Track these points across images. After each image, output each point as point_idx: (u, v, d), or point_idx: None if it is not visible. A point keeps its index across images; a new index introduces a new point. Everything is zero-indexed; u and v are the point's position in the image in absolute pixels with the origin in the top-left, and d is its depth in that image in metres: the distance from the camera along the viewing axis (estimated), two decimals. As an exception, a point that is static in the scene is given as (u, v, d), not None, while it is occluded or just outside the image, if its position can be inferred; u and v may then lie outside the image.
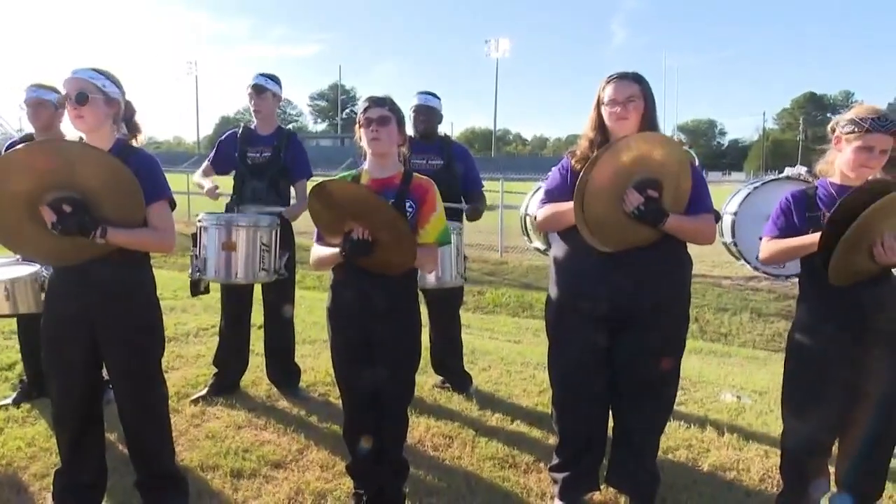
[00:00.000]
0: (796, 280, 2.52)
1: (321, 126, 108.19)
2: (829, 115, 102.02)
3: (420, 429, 3.44)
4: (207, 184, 3.95)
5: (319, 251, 2.48)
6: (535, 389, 4.22)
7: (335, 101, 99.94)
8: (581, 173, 2.35)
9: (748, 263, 3.71)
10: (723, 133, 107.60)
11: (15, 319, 3.60)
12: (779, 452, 2.63)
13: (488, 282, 10.46)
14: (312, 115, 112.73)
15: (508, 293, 9.90)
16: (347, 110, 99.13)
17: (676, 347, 2.62)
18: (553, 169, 2.69)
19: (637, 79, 2.48)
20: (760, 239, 2.43)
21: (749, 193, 3.72)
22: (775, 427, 3.63)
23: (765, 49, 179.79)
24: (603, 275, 2.45)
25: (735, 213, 3.71)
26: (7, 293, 3.10)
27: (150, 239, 2.36)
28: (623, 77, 2.48)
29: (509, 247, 12.82)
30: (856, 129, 2.22)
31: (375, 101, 2.45)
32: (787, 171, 3.81)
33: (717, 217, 2.58)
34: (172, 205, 2.47)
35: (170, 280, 7.73)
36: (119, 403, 2.46)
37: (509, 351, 5.49)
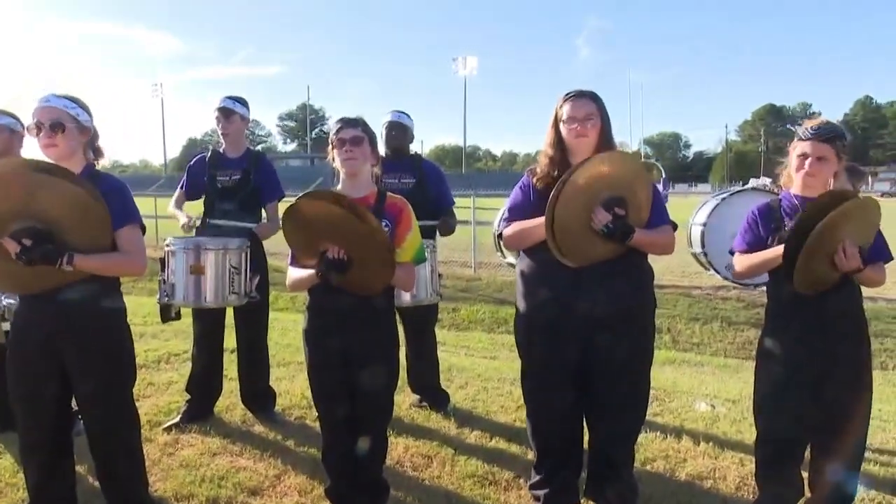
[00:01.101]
0: (764, 288, 2.59)
1: (291, 146, 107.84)
2: (788, 126, 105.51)
3: (399, 449, 3.42)
4: (182, 217, 3.88)
5: (295, 273, 2.47)
6: (513, 405, 4.22)
7: (304, 121, 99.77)
8: (552, 193, 2.38)
9: (717, 273, 3.79)
10: (688, 146, 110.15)
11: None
12: (753, 460, 2.68)
13: (462, 298, 10.47)
14: (281, 135, 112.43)
15: (483, 309, 9.93)
16: (317, 130, 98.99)
17: (645, 356, 2.65)
18: (514, 188, 2.73)
19: (593, 97, 2.54)
20: (732, 253, 2.49)
21: (717, 205, 3.81)
22: (749, 434, 3.68)
23: (726, 63, 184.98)
24: (570, 288, 2.49)
25: (704, 224, 3.79)
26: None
27: (120, 263, 2.33)
28: (580, 95, 2.54)
29: (482, 263, 12.88)
30: (795, 139, 2.41)
31: (348, 122, 2.47)
32: (753, 182, 3.92)
33: (675, 227, 2.65)
34: (143, 229, 2.44)
35: (139, 306, 7.53)
36: (89, 434, 2.40)
37: (485, 367, 5.49)
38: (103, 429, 2.39)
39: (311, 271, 2.34)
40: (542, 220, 2.41)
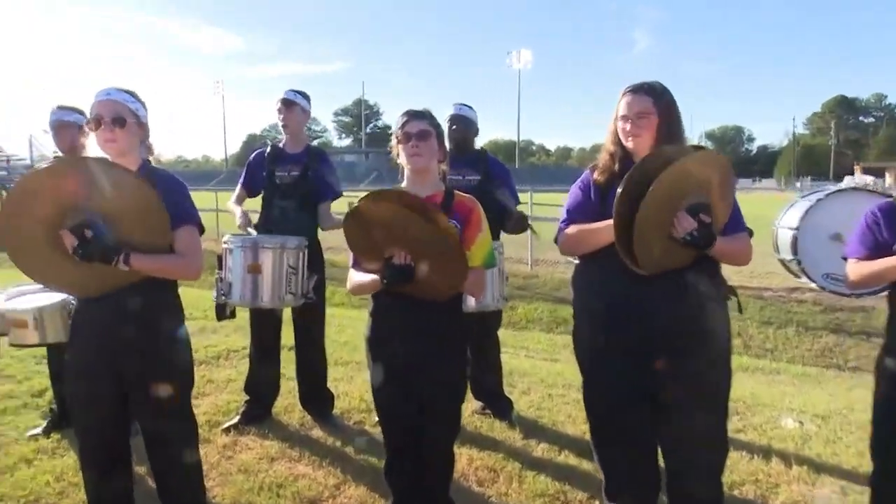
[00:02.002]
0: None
1: (345, 141, 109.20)
2: (861, 118, 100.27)
3: (463, 461, 3.24)
4: (238, 215, 3.78)
5: (357, 277, 2.31)
6: (581, 416, 3.96)
7: (359, 117, 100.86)
8: (619, 192, 2.12)
9: (813, 281, 3.44)
10: (751, 139, 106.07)
11: (44, 345, 3.50)
12: (859, 489, 2.38)
13: (519, 296, 10.22)
14: (337, 130, 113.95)
15: (541, 308, 9.65)
16: (371, 125, 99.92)
17: (722, 377, 2.34)
18: (573, 187, 2.48)
19: (651, 91, 2.26)
20: (845, 259, 2.19)
21: (810, 207, 3.46)
22: (847, 457, 3.36)
23: (792, 53, 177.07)
24: (636, 300, 2.22)
25: (796, 228, 3.45)
26: (35, 322, 3.00)
27: (175, 265, 2.22)
28: (637, 90, 2.27)
29: (540, 259, 12.59)
30: None
31: (414, 115, 2.29)
32: (849, 180, 3.55)
33: (751, 234, 2.37)
34: (201, 229, 2.33)
35: (199, 299, 7.58)
36: (146, 440, 2.31)
37: (548, 371, 5.26)
38: (160, 436, 2.29)
39: (375, 276, 2.17)
40: (607, 223, 2.17)
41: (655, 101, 2.25)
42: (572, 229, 2.33)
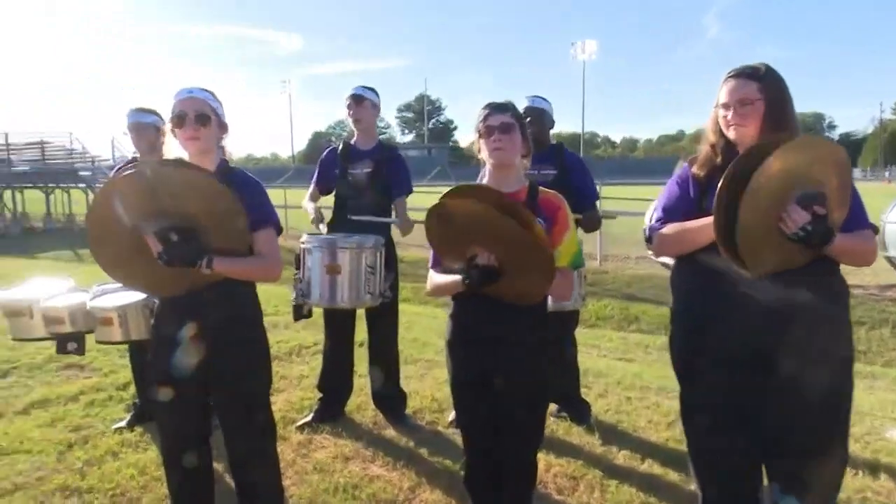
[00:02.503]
0: None
1: (408, 137, 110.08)
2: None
3: (540, 467, 3.07)
4: (311, 210, 3.78)
5: (437, 278, 2.22)
6: (663, 421, 3.79)
7: (421, 112, 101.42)
8: (720, 185, 1.92)
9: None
10: (832, 126, 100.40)
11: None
12: None
13: (589, 293, 9.94)
14: (399, 126, 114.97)
15: (611, 305, 9.37)
16: (433, 120, 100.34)
17: (843, 393, 2.10)
18: (669, 182, 2.28)
19: (755, 75, 2.03)
20: None
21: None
22: (968, 477, 3.05)
23: (876, 35, 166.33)
24: (742, 306, 2.01)
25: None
26: (120, 319, 3.06)
27: (256, 268, 2.21)
28: (739, 75, 2.05)
29: (609, 255, 12.25)
30: None
31: (496, 107, 2.17)
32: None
33: (876, 231, 2.11)
34: (279, 230, 2.30)
35: (270, 295, 7.73)
36: (226, 439, 2.31)
37: (624, 372, 5.06)
38: (239, 436, 2.28)
39: (456, 277, 2.07)
40: (708, 220, 1.97)
41: (761, 86, 2.03)
42: (669, 228, 2.15)
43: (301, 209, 4.00)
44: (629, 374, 4.98)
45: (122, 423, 3.62)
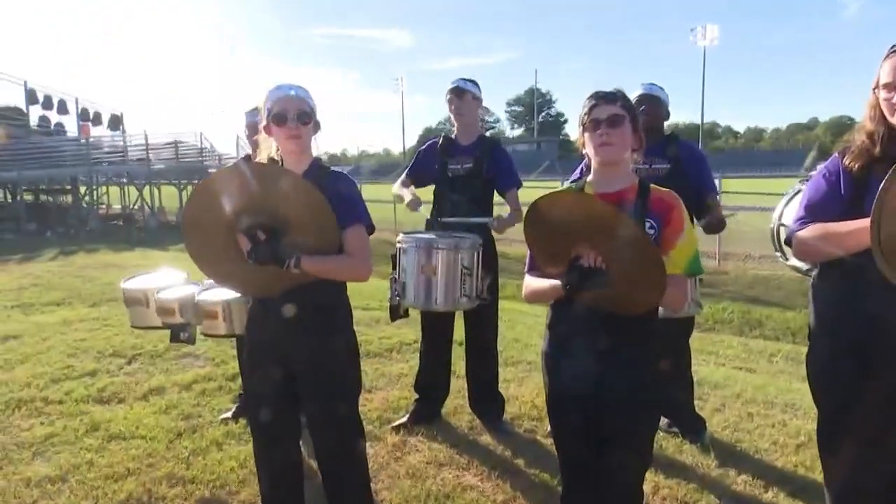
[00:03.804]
0: None
1: (518, 131, 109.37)
2: None
3: (646, 488, 2.85)
4: (407, 195, 3.70)
5: (534, 283, 2.04)
6: (791, 443, 3.39)
7: (531, 106, 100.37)
8: (884, 183, 1.60)
9: None
10: None
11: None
12: None
13: (706, 294, 9.32)
14: (509, 120, 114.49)
15: (731, 308, 8.72)
16: (544, 113, 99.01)
17: None
18: (814, 175, 1.97)
19: None
20: None
21: None
22: None
23: None
24: None
25: None
26: (224, 313, 3.14)
27: (345, 267, 2.14)
28: None
29: (729, 253, 11.44)
30: None
31: (604, 97, 1.96)
32: None
33: None
34: (370, 229, 2.23)
35: (377, 290, 7.82)
36: (315, 444, 2.28)
37: (744, 384, 4.61)
38: (328, 443, 2.25)
39: (555, 282, 1.89)
40: (864, 222, 1.66)
41: None
42: (815, 229, 1.85)
43: (396, 200, 3.92)
44: (750, 386, 4.54)
45: (228, 414, 3.74)
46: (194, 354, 4.90)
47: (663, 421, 3.56)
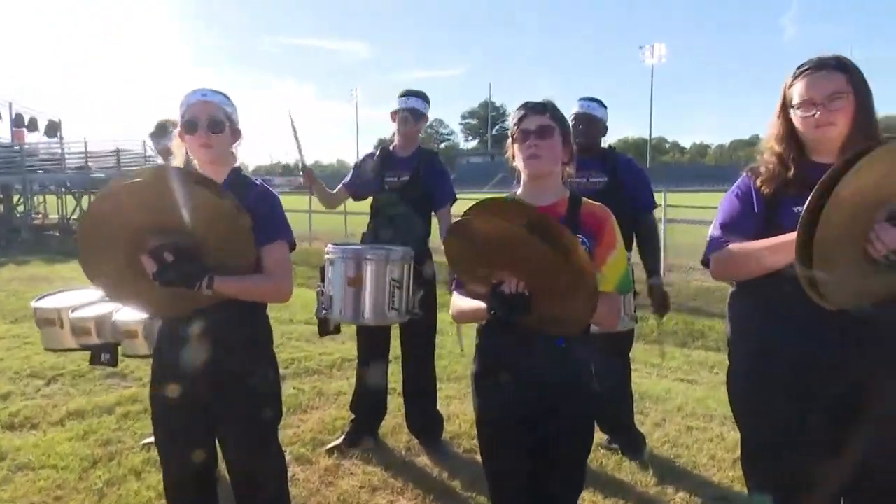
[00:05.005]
0: None
1: (472, 143, 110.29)
2: None
3: (585, 507, 2.81)
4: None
5: (461, 303, 1.95)
6: (728, 457, 3.39)
7: (485, 118, 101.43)
8: (808, 201, 1.59)
9: None
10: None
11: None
12: None
13: (649, 306, 9.43)
14: (464, 133, 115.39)
15: (674, 319, 8.79)
16: (497, 126, 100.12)
17: None
18: (727, 196, 1.95)
19: (841, 66, 1.73)
20: None
21: None
22: None
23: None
24: (820, 343, 1.70)
25: None
26: (146, 332, 2.95)
27: (263, 287, 2.00)
28: (821, 66, 1.73)
29: (673, 265, 11.62)
30: None
31: (533, 108, 1.89)
32: None
33: None
34: (292, 245, 2.10)
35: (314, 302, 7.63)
36: (232, 478, 2.12)
37: (685, 397, 4.64)
38: (246, 476, 2.09)
39: (481, 304, 1.80)
40: (783, 239, 1.67)
41: (849, 78, 1.72)
42: (733, 248, 1.82)
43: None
44: (691, 399, 4.57)
45: (151, 439, 3.52)
46: (121, 374, 4.64)
47: (603, 437, 3.52)
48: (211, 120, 2.01)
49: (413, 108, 3.50)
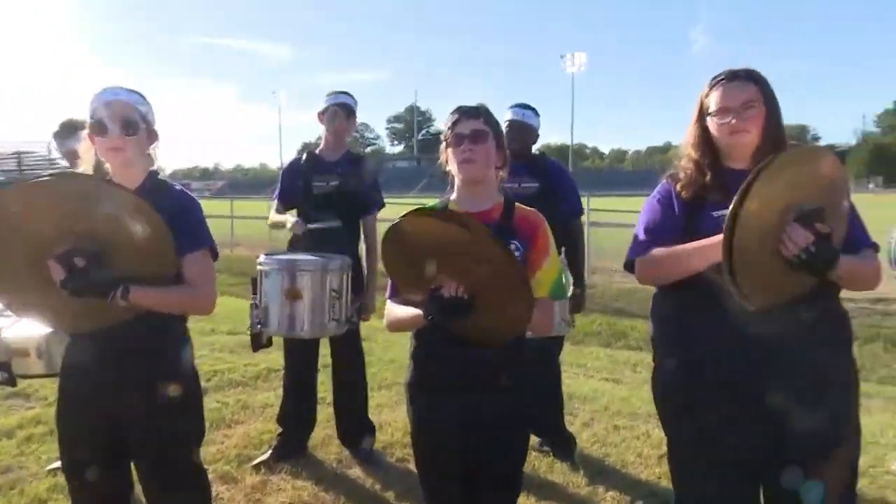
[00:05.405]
0: None
1: (398, 148, 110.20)
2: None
3: (519, 511, 2.81)
4: (289, 219, 3.41)
5: (397, 311, 1.90)
6: (653, 454, 3.49)
7: (411, 123, 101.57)
8: (731, 207, 1.65)
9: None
10: (816, 138, 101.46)
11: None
12: None
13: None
14: (389, 137, 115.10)
15: (599, 320, 9.06)
16: (423, 131, 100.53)
17: (854, 431, 1.87)
18: (649, 200, 2.01)
19: (753, 77, 1.84)
20: None
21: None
22: None
23: (859, 51, 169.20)
24: (740, 343, 1.76)
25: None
26: (39, 351, 2.72)
27: (184, 298, 1.88)
28: (734, 77, 1.83)
29: (597, 268, 11.97)
30: None
31: (467, 112, 1.88)
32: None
33: (877, 249, 1.90)
34: (214, 254, 1.99)
35: (240, 311, 7.31)
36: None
37: (611, 396, 4.77)
38: (164, 501, 1.96)
39: (418, 311, 1.76)
40: (705, 243, 1.73)
41: (759, 89, 1.83)
42: (658, 252, 1.86)
43: (274, 228, 3.66)
44: (617, 398, 4.70)
45: (58, 464, 3.26)
46: (23, 394, 4.29)
47: (535, 440, 3.55)
48: (124, 121, 1.87)
49: (343, 103, 3.42)
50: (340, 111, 3.40)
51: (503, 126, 3.40)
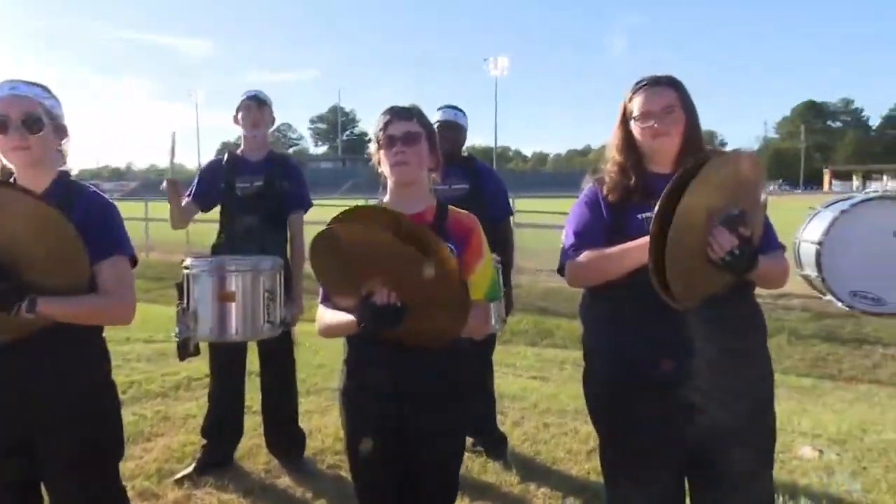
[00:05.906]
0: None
1: (322, 149, 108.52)
2: (829, 122, 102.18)
3: (454, 512, 2.81)
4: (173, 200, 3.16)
5: (328, 317, 1.86)
6: (582, 449, 3.58)
7: (335, 124, 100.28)
8: (657, 209, 1.72)
9: (839, 301, 3.08)
10: (723, 143, 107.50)
11: None
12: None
13: (503, 308, 9.80)
14: (313, 138, 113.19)
15: (525, 320, 9.23)
16: (348, 132, 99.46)
17: (772, 420, 2.00)
18: (576, 205, 2.05)
19: (673, 83, 1.93)
20: None
21: (835, 218, 3.09)
22: (878, 493, 3.03)
23: (764, 58, 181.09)
24: (666, 339, 1.84)
25: (820, 243, 3.07)
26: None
27: (99, 308, 1.76)
28: (656, 83, 1.91)
29: (522, 268, 12.18)
30: None
31: (399, 114, 1.85)
32: (876, 187, 3.20)
33: (784, 249, 2.04)
34: (133, 261, 1.88)
35: (159, 318, 6.98)
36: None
37: (539, 394, 4.86)
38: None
39: (350, 317, 1.73)
40: (634, 244, 1.79)
41: (679, 94, 1.91)
42: (587, 255, 1.90)
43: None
44: (546, 396, 4.79)
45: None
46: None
47: (468, 441, 3.56)
48: (27, 117, 1.74)
49: (255, 96, 3.32)
50: (252, 103, 3.31)
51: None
